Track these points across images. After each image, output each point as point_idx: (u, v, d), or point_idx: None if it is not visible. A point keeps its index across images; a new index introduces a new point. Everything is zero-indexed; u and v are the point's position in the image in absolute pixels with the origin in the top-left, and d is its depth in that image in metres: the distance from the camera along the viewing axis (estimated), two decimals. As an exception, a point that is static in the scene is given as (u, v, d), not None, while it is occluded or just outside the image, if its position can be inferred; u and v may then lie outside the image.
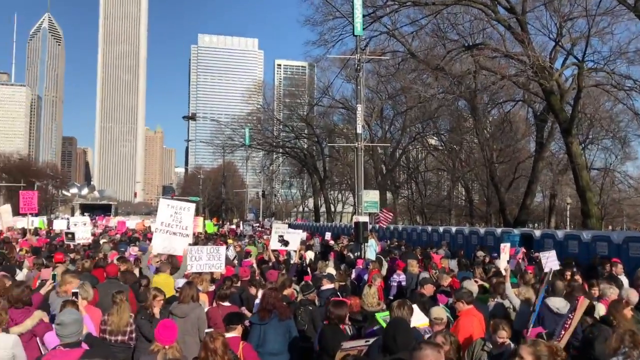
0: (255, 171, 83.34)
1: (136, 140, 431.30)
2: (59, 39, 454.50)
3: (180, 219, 11.41)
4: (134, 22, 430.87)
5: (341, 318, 7.12)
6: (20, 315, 6.58)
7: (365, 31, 30.60)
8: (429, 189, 62.71)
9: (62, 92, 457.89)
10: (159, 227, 11.39)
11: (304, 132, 58.93)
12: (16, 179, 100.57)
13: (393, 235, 30.98)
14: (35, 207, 22.44)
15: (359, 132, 18.78)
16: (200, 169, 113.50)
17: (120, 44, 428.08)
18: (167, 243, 11.27)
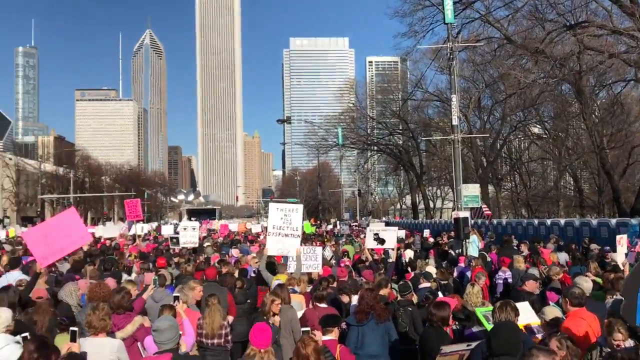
0: (350, 170, 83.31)
1: (236, 146, 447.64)
2: (160, 54, 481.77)
3: (290, 221, 11.71)
4: (229, 32, 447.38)
5: (444, 320, 6.73)
6: (121, 320, 6.75)
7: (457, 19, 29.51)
8: (533, 180, 59.57)
9: (165, 104, 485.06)
10: (271, 231, 11.80)
11: (398, 127, 57.97)
12: (128, 189, 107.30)
13: (496, 229, 29.56)
14: (140, 214, 23.53)
15: (454, 123, 18.00)
16: (296, 171, 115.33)
17: (216, 54, 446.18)
18: (281, 245, 11.61)
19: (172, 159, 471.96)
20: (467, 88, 49.57)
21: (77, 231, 9.73)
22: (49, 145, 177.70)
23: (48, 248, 9.32)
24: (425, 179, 65.31)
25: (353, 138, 60.50)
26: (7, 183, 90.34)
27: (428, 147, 60.50)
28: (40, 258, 9.42)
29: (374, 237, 16.01)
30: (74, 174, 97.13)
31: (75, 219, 9.95)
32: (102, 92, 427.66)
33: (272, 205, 12.22)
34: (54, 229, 9.54)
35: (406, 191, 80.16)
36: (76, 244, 10.14)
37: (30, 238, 9.86)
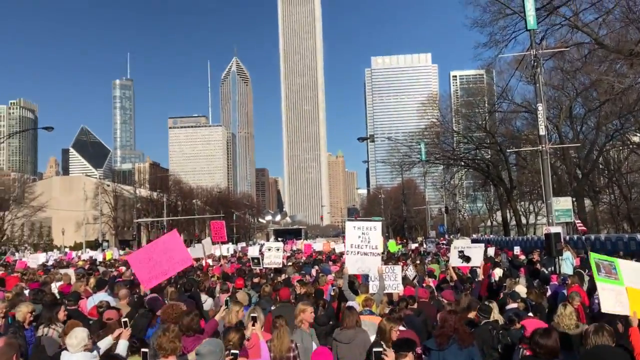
0: (436, 187, 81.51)
1: (320, 166, 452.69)
2: (247, 80, 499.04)
3: (368, 239, 11.46)
4: (311, 55, 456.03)
5: (552, 351, 5.80)
6: (191, 343, 6.66)
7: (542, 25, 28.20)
8: (635, 192, 55.51)
9: (252, 128, 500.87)
10: (349, 250, 11.54)
11: (485, 141, 56.04)
12: (217, 211, 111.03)
13: (594, 245, 27.61)
14: (224, 236, 23.98)
15: (542, 133, 16.99)
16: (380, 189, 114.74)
17: (299, 77, 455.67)
18: (360, 264, 11.34)
19: (260, 180, 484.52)
20: (556, 97, 47.21)
21: (179, 254, 10.09)
22: (144, 171, 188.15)
23: (152, 270, 9.74)
24: (516, 193, 62.56)
25: (437, 154, 59.13)
26: (106, 208, 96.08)
27: (518, 161, 58.02)
28: (145, 280, 9.87)
29: (459, 254, 15.32)
30: (167, 198, 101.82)
31: (178, 241, 10.31)
32: (193, 119, 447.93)
33: (348, 224, 11.88)
34: (158, 251, 9.91)
35: (496, 207, 77.22)
36: (179, 266, 10.45)
37: (134, 260, 10.23)
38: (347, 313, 8.18)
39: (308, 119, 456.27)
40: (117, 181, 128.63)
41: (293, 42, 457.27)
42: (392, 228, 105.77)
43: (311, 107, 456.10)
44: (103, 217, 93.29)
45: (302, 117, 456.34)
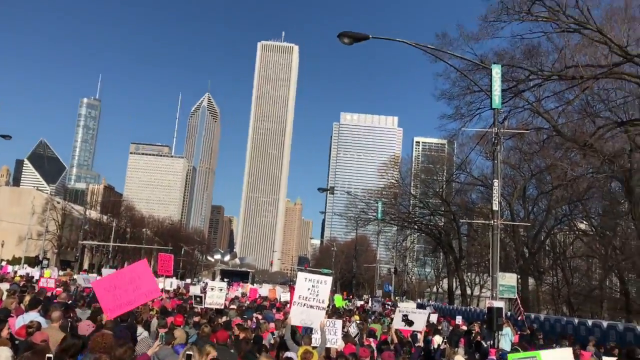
0: (388, 247, 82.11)
1: (277, 210, 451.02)
2: (216, 117, 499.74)
3: (317, 292, 11.57)
4: (283, 102, 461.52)
5: None
6: (121, 375, 6.52)
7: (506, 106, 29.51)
8: (576, 277, 57.20)
9: (215, 164, 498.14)
10: (296, 300, 11.56)
11: (440, 209, 57.28)
12: (167, 243, 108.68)
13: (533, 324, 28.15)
14: (170, 270, 23.59)
15: (495, 209, 17.53)
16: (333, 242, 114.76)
17: (269, 122, 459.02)
18: (305, 316, 11.36)
19: (214, 217, 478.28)
20: (512, 176, 48.92)
21: (147, 284, 9.74)
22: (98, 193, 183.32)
23: (117, 299, 9.39)
24: (465, 264, 63.59)
25: (393, 214, 60.02)
26: (52, 226, 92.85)
27: (469, 232, 59.33)
28: (109, 309, 9.44)
29: (403, 318, 15.45)
30: (116, 223, 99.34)
31: (146, 271, 9.94)
32: (156, 148, 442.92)
33: (300, 275, 11.95)
34: (125, 280, 9.57)
35: (444, 274, 78.15)
36: (145, 298, 10.06)
37: (99, 288, 9.76)
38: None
39: (272, 163, 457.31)
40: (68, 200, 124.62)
41: (267, 87, 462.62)
42: (341, 282, 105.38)
43: (276, 152, 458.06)
44: (48, 234, 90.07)
45: (266, 160, 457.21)
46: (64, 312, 12.87)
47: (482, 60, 24.52)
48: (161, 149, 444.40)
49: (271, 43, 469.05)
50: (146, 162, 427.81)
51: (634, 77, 25.45)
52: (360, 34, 18.12)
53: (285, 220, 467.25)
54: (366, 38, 18.24)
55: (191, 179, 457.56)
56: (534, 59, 27.18)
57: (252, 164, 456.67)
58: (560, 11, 24.12)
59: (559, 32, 25.39)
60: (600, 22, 24.07)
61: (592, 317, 43.01)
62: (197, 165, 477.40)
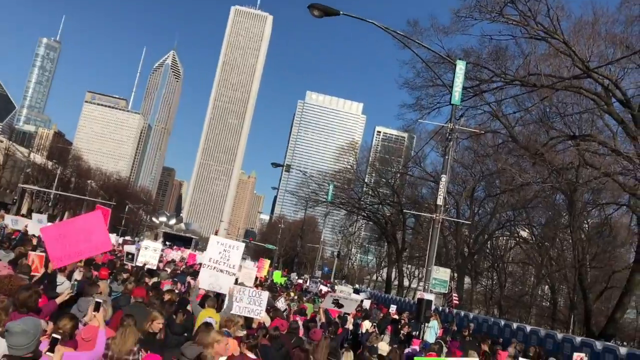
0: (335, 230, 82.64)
1: (230, 181, 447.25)
2: (178, 76, 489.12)
3: (228, 257, 11.56)
4: (249, 72, 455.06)
5: None
6: (22, 321, 6.12)
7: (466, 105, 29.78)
8: (510, 282, 59.03)
9: (171, 124, 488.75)
10: (206, 263, 11.48)
11: (390, 199, 57.81)
12: (111, 198, 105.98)
13: (462, 322, 28.80)
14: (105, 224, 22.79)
15: (439, 203, 17.64)
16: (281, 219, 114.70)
17: (232, 90, 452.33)
18: (214, 280, 11.28)
19: (164, 179, 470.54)
20: (464, 176, 49.75)
21: (99, 236, 9.34)
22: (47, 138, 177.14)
23: (65, 249, 8.94)
24: (406, 256, 64.58)
25: (343, 199, 60.22)
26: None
27: (415, 226, 60.19)
28: (55, 258, 8.99)
29: (333, 301, 15.45)
30: (61, 171, 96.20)
31: (99, 223, 9.52)
32: (113, 100, 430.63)
33: (213, 238, 11.86)
34: (75, 230, 9.14)
35: (385, 264, 79.31)
36: (95, 250, 9.73)
37: (48, 235, 9.31)
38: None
39: (230, 132, 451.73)
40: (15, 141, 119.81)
41: (235, 55, 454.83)
42: (284, 260, 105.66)
43: (236, 122, 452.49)
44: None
45: (225, 129, 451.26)
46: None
47: (449, 55, 24.57)
48: (118, 102, 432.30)
49: (245, 9, 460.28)
50: (100, 113, 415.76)
51: (591, 94, 26.00)
52: (331, 8, 17.76)
53: (237, 191, 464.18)
54: (337, 13, 17.89)
55: (145, 136, 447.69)
56: (499, 61, 27.41)
57: (209, 130, 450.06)
58: (531, 17, 24.32)
59: (527, 38, 25.65)
60: (567, 34, 24.41)
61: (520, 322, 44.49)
62: (152, 124, 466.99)
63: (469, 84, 27.23)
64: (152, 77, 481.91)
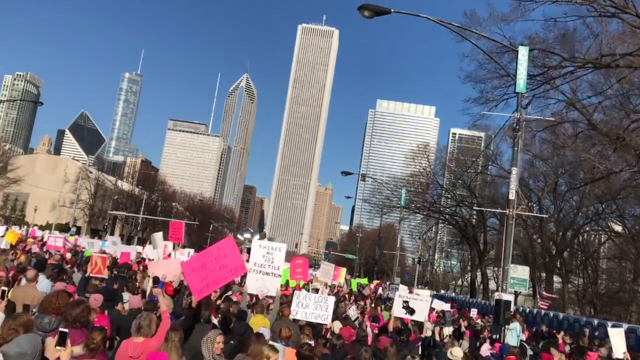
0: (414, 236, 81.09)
1: (308, 194, 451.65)
2: (253, 98, 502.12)
3: (272, 259, 11.59)
4: (320, 86, 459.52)
5: None
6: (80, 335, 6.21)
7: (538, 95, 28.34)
8: (604, 278, 55.39)
9: (249, 144, 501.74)
10: (252, 268, 11.54)
11: (467, 200, 56.03)
12: (196, 219, 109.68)
13: (552, 323, 27.19)
14: (181, 238, 23.40)
15: (511, 197, 16.71)
16: (359, 228, 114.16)
17: (304, 106, 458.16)
18: (261, 283, 11.40)
19: (246, 197, 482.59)
20: (544, 170, 47.31)
21: (233, 261, 9.34)
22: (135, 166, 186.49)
23: (204, 279, 9.04)
24: (491, 257, 62.30)
25: (419, 203, 58.94)
26: (85, 195, 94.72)
27: (498, 226, 57.91)
28: (196, 290, 9.01)
29: (403, 305, 14.87)
30: (147, 195, 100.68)
31: (232, 249, 9.57)
32: (193, 125, 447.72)
33: (255, 242, 12.14)
34: (211, 259, 9.23)
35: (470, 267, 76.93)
36: (231, 275, 9.71)
37: (188, 269, 9.43)
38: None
39: (305, 147, 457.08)
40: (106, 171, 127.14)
41: (305, 71, 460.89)
42: (365, 269, 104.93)
43: (310, 136, 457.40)
44: (80, 202, 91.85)
45: (300, 144, 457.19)
46: (58, 273, 12.75)
47: (511, 43, 23.37)
48: (198, 127, 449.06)
49: (312, 26, 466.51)
50: (183, 139, 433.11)
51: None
52: (381, 8, 17.42)
53: (315, 204, 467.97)
54: (387, 12, 17.53)
55: (226, 158, 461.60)
56: (567, 44, 25.77)
57: (285, 147, 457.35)
58: (597, -7, 22.73)
59: (595, 16, 23.93)
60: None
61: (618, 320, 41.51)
62: (232, 145, 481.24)
63: (536, 71, 25.90)
64: (228, 101, 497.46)
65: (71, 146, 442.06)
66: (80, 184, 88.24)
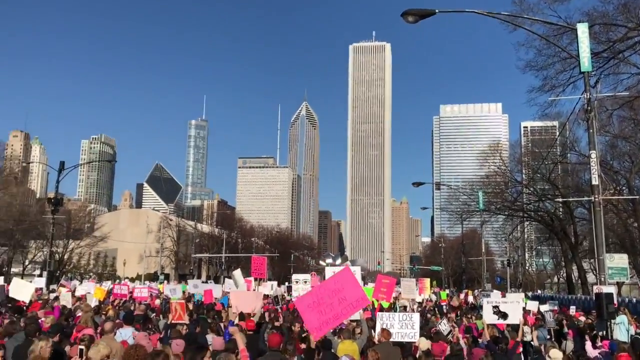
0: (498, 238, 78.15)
1: (383, 211, 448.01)
2: (314, 123, 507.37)
3: None
4: (379, 102, 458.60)
5: None
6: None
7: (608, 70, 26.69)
8: None
9: (317, 170, 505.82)
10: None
11: (549, 193, 53.32)
12: (276, 250, 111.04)
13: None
14: (264, 273, 23.44)
15: (594, 183, 15.62)
16: (441, 238, 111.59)
17: (366, 124, 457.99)
18: None
19: (322, 223, 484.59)
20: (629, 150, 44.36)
21: (353, 293, 8.69)
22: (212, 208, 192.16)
23: (322, 315, 8.50)
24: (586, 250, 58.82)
25: (499, 203, 56.72)
26: (169, 242, 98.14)
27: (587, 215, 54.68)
28: (314, 328, 8.54)
29: (494, 310, 14.10)
30: (227, 234, 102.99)
31: (350, 280, 8.92)
32: (262, 160, 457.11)
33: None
34: (327, 293, 8.66)
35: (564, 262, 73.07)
36: (353, 308, 8.93)
37: (302, 305, 8.91)
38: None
39: (373, 164, 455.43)
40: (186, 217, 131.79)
41: (362, 89, 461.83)
42: (453, 279, 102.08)
43: (377, 153, 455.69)
44: (165, 250, 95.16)
45: (368, 162, 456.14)
46: (143, 323, 12.93)
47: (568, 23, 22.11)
48: (266, 161, 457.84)
49: (362, 44, 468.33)
50: (254, 175, 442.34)
51: None
52: (425, 10, 17.00)
53: (392, 220, 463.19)
54: (432, 13, 17.08)
55: (297, 187, 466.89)
56: (630, 13, 24.09)
57: (353, 167, 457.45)
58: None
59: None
60: None
61: None
62: (301, 174, 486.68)
63: (601, 48, 24.38)
64: (292, 131, 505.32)
65: (151, 198, 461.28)
66: (163, 233, 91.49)
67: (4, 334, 9.89)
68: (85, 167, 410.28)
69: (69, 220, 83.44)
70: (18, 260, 75.45)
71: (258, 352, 10.19)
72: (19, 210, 67.37)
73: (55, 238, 46.20)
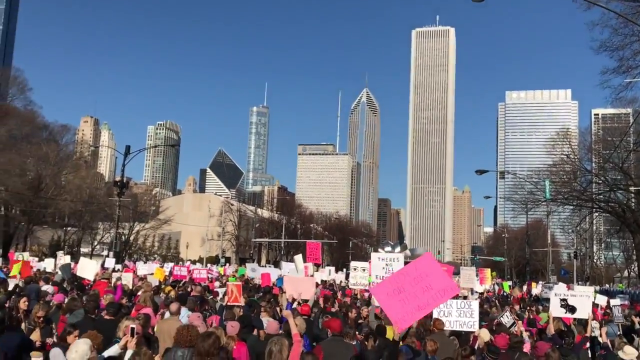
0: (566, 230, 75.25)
1: (444, 200, 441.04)
2: (375, 110, 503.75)
3: (391, 270, 11.45)
4: (442, 88, 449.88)
5: None
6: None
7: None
8: None
9: (377, 158, 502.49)
10: (374, 281, 11.37)
11: (621, 183, 50.71)
12: (335, 237, 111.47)
13: None
14: (318, 258, 23.43)
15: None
16: (505, 228, 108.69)
17: (429, 110, 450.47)
18: None
19: (382, 211, 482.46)
20: None
21: (439, 281, 7.92)
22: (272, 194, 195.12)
23: (405, 305, 7.81)
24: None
25: (566, 193, 54.43)
26: (230, 226, 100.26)
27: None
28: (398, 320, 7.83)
29: (561, 303, 13.41)
30: (286, 220, 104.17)
31: (433, 267, 8.16)
32: (321, 147, 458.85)
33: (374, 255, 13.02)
34: (410, 281, 7.93)
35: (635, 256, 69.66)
36: (441, 298, 8.13)
37: (381, 295, 8.19)
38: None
39: (435, 152, 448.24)
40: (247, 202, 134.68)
41: (424, 75, 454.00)
42: (516, 270, 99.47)
43: (439, 140, 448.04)
44: (226, 234, 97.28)
45: (429, 149, 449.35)
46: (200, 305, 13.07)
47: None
48: (326, 148, 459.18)
49: (425, 29, 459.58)
50: (313, 162, 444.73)
51: None
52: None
53: (453, 209, 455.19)
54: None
55: (356, 174, 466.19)
56: None
57: (414, 155, 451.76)
58: None
59: None
60: None
61: None
62: (361, 161, 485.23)
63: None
64: (352, 117, 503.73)
65: (214, 183, 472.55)
66: (225, 217, 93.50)
67: (65, 310, 10.25)
68: (151, 152, 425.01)
69: (135, 203, 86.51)
70: (87, 240, 79.03)
71: (312, 337, 10.07)
72: (88, 192, 70.30)
73: (121, 220, 47.86)
